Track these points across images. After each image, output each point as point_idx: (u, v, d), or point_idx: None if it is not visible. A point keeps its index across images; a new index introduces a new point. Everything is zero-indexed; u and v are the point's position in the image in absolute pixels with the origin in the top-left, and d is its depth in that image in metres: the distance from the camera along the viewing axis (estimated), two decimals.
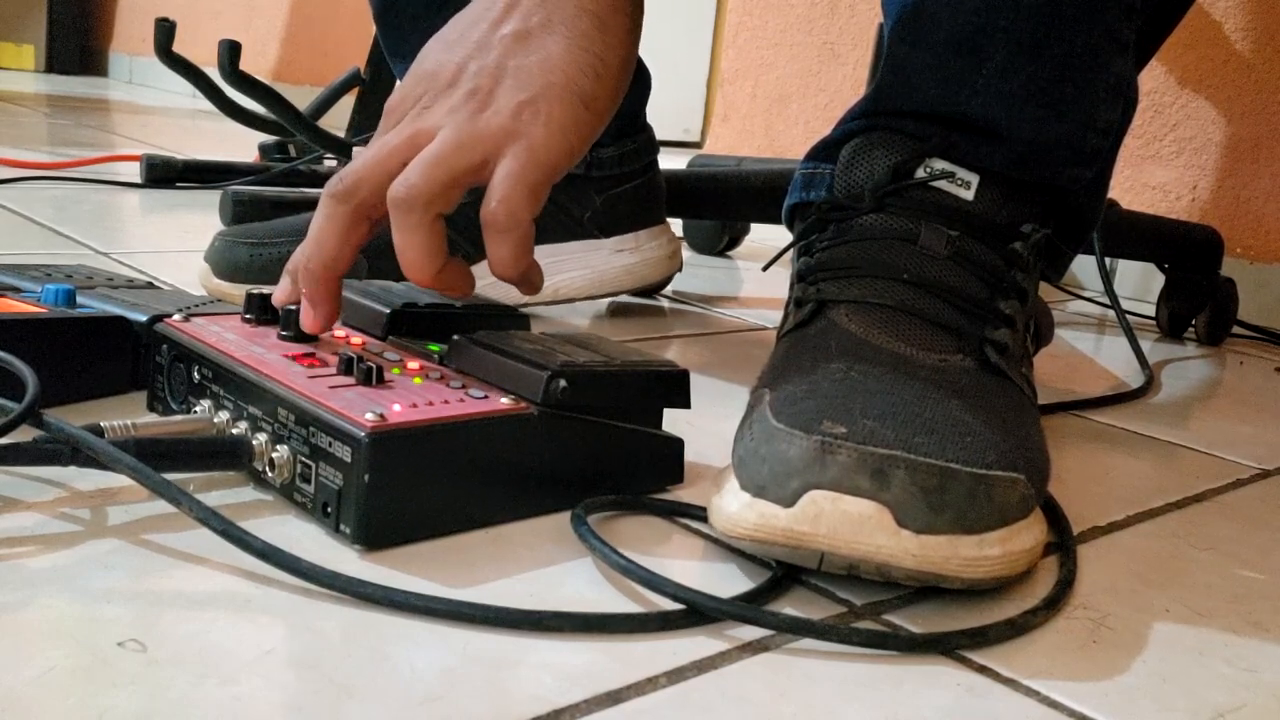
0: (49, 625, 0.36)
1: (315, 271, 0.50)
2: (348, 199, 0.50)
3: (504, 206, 0.48)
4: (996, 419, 0.47)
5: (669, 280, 0.96)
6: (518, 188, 0.48)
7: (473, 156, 0.48)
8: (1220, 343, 1.07)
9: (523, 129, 0.48)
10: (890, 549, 0.41)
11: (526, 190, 0.48)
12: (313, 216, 0.51)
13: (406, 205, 0.48)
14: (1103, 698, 0.38)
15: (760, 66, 1.67)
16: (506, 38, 0.50)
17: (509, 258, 0.49)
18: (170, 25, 1.19)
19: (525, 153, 0.48)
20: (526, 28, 0.50)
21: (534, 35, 0.50)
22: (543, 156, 0.48)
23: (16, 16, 3.48)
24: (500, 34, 0.51)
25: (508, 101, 0.49)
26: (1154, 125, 1.25)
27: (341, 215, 0.50)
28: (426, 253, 0.49)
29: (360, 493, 0.42)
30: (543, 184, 0.49)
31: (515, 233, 0.49)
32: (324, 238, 0.50)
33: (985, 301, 0.54)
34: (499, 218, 0.48)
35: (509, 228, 0.48)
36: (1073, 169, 0.60)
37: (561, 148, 0.49)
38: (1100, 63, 0.58)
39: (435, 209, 0.48)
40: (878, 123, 0.60)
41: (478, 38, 0.51)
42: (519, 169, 0.48)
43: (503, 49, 0.50)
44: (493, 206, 0.48)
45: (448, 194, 0.48)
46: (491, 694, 0.35)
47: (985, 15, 0.56)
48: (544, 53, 0.50)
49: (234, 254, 0.78)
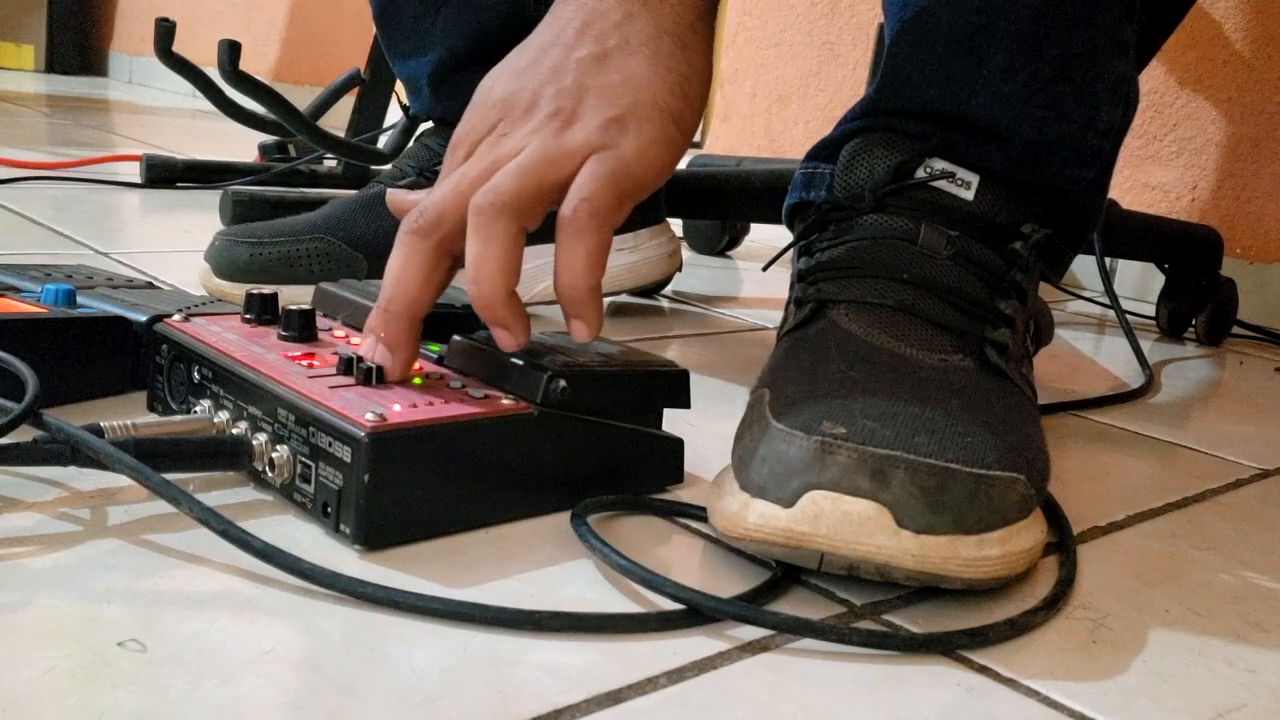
0: (49, 625, 0.36)
1: (397, 313, 0.46)
2: (431, 234, 0.46)
3: (587, 205, 0.44)
4: (996, 419, 0.47)
5: (669, 280, 0.96)
6: (606, 189, 0.45)
7: (561, 171, 0.45)
8: (1220, 343, 1.07)
9: (611, 141, 0.46)
10: (890, 549, 0.41)
11: (614, 194, 0.45)
12: (390, 256, 0.47)
13: (493, 211, 0.44)
14: (1103, 698, 0.38)
15: (760, 66, 1.67)
16: (585, 60, 0.48)
17: (581, 266, 0.45)
18: (170, 25, 1.19)
19: (615, 160, 0.45)
20: (604, 49, 0.48)
21: (613, 56, 0.48)
22: (634, 168, 0.46)
23: (16, 16, 3.48)
24: (576, 56, 0.48)
25: (595, 119, 0.46)
26: (1154, 125, 1.25)
27: (424, 251, 0.46)
28: (503, 267, 0.45)
29: (360, 493, 0.42)
30: (630, 194, 0.46)
31: (595, 237, 0.45)
32: (407, 278, 0.46)
33: (985, 301, 0.54)
34: (580, 216, 0.44)
35: (589, 229, 0.44)
36: (1073, 169, 0.60)
37: (654, 163, 0.46)
38: (1101, 63, 0.58)
39: (521, 220, 0.45)
40: (878, 123, 0.60)
41: (551, 64, 0.48)
42: (607, 172, 0.45)
43: (581, 70, 0.47)
44: (574, 204, 0.44)
45: (535, 206, 0.45)
46: (491, 694, 0.35)
47: (986, 15, 0.56)
48: (627, 72, 0.47)
49: (234, 254, 0.78)
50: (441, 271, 0.47)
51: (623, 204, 0.46)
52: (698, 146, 1.87)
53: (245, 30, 2.96)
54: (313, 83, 2.71)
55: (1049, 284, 0.76)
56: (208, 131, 2.18)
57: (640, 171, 0.46)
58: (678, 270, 0.94)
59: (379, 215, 0.81)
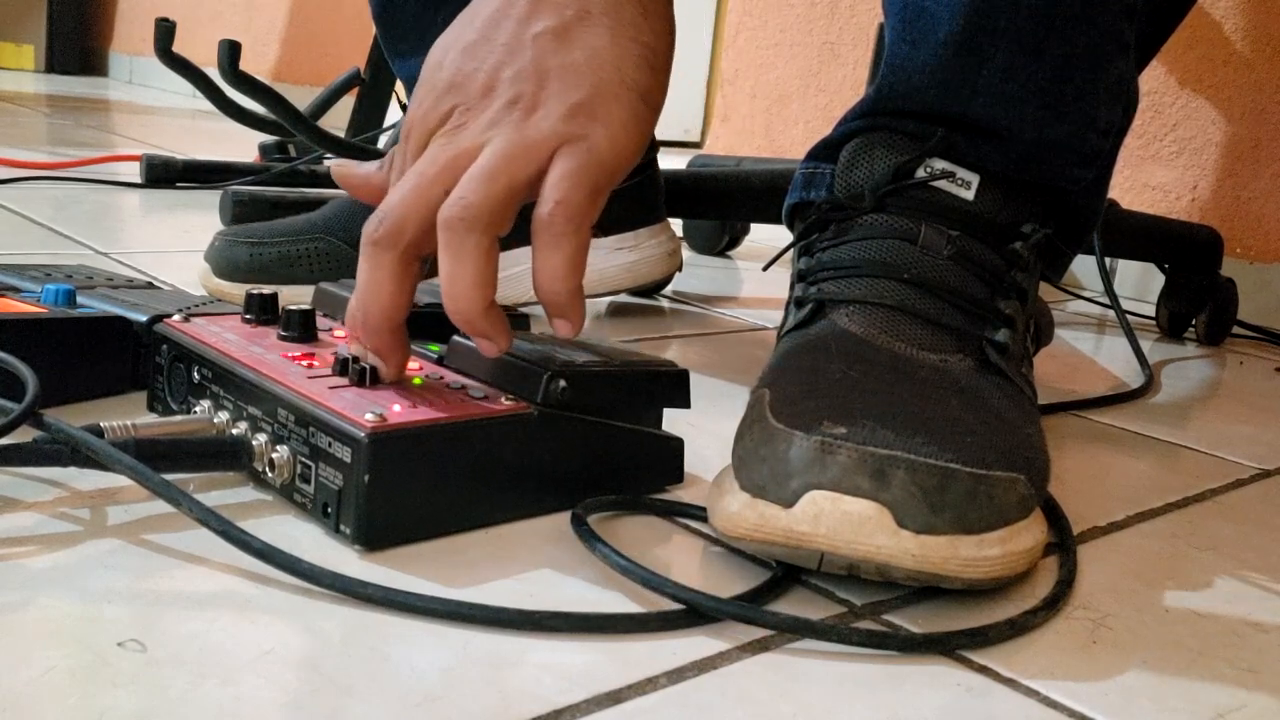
0: (49, 625, 0.36)
1: (376, 325, 0.45)
2: (394, 245, 0.44)
3: (563, 209, 0.43)
4: (996, 419, 0.47)
5: (669, 280, 0.96)
6: (578, 189, 0.43)
7: (529, 168, 0.43)
8: (1220, 343, 1.07)
9: (579, 131, 0.44)
10: (890, 549, 0.41)
11: (588, 191, 0.43)
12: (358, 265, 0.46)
13: (465, 226, 0.43)
14: (1103, 698, 0.38)
15: (760, 66, 1.67)
16: (542, 35, 0.45)
17: (560, 270, 0.44)
18: (170, 25, 1.19)
19: (585, 153, 0.44)
20: (563, 22, 0.45)
21: (573, 30, 0.45)
22: (606, 157, 0.44)
23: (16, 16, 3.48)
24: (532, 31, 0.45)
25: (559, 106, 0.44)
26: (1154, 125, 1.25)
27: (390, 262, 0.44)
28: (477, 282, 0.43)
29: (360, 493, 0.42)
30: (604, 187, 0.44)
31: (573, 240, 0.43)
32: (377, 290, 0.45)
33: (985, 301, 0.54)
34: (556, 221, 0.43)
35: (566, 233, 0.43)
36: (1074, 169, 0.60)
37: (625, 147, 0.45)
38: (1101, 63, 0.58)
39: (493, 232, 0.43)
40: (878, 123, 0.60)
41: (505, 39, 0.46)
42: (579, 168, 0.43)
43: (539, 48, 0.45)
44: (549, 209, 0.43)
45: (506, 212, 0.43)
46: (491, 694, 0.35)
47: (986, 16, 0.56)
48: (589, 48, 0.45)
49: (233, 253, 0.78)
50: (411, 275, 0.45)
51: (598, 196, 0.44)
52: (698, 146, 1.87)
53: (245, 30, 2.96)
54: (313, 83, 2.70)
55: (1049, 284, 0.76)
56: (208, 131, 2.18)
57: (613, 160, 0.44)
58: (678, 270, 0.94)
59: None
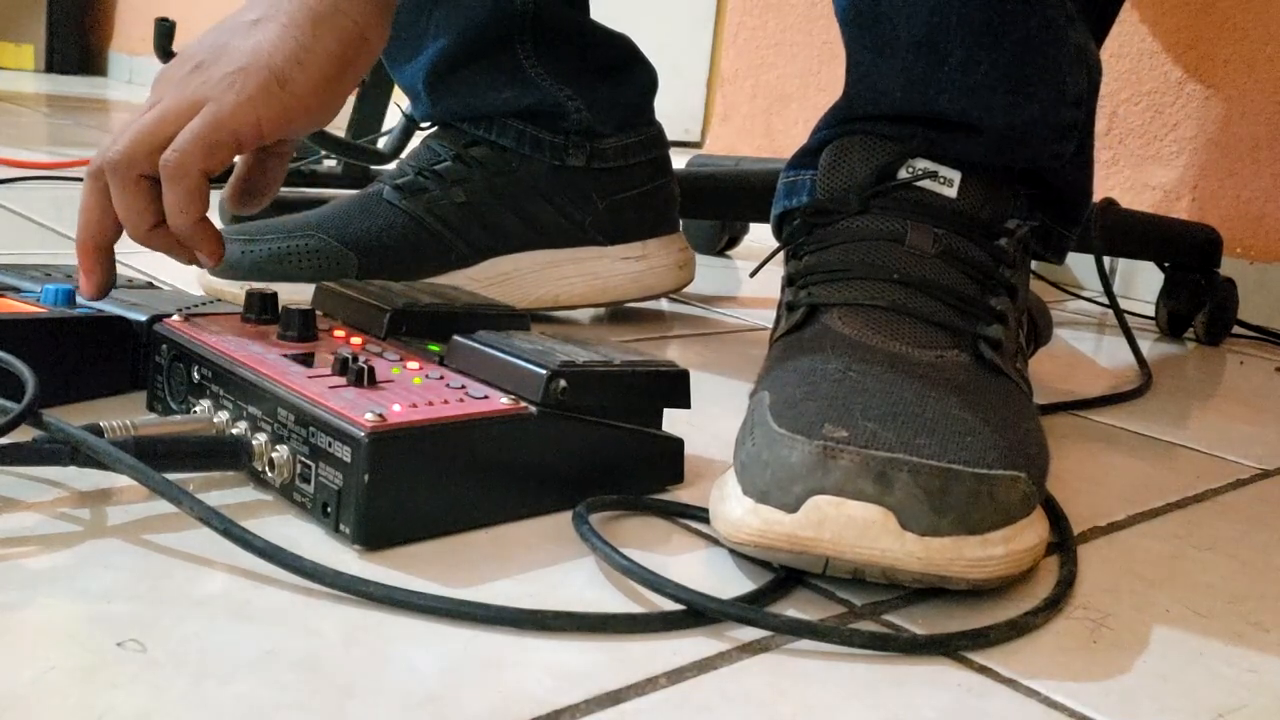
0: (49, 625, 0.36)
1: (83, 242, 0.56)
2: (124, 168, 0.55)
3: (175, 155, 0.53)
4: (995, 416, 0.47)
5: (679, 291, 0.94)
6: (193, 141, 0.53)
7: (182, 119, 0.54)
8: (1220, 343, 1.07)
9: (215, 95, 0.54)
10: (895, 553, 0.41)
11: (201, 145, 0.53)
12: None
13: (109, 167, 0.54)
14: (1103, 698, 0.38)
15: (760, 66, 1.67)
16: (243, 25, 0.57)
17: (175, 204, 0.54)
18: (170, 25, 1.19)
19: (211, 114, 0.54)
20: (259, 17, 0.57)
21: (260, 24, 0.57)
22: (226, 119, 0.54)
23: (16, 16, 3.48)
24: (241, 20, 0.58)
25: (216, 73, 0.55)
26: (1154, 125, 1.25)
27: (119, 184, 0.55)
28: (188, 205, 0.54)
29: (360, 493, 0.42)
30: (221, 144, 0.54)
31: (184, 182, 0.53)
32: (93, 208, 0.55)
33: (976, 298, 0.54)
34: (168, 164, 0.53)
35: (176, 176, 0.53)
36: (1052, 145, 0.60)
37: (247, 116, 0.54)
38: (1056, 37, 0.59)
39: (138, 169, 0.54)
40: (854, 128, 0.61)
41: (229, 24, 0.58)
42: (200, 125, 0.54)
43: (233, 33, 0.57)
44: (165, 154, 0.53)
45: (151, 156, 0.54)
46: (491, 694, 0.35)
47: (939, 14, 0.58)
48: (259, 37, 0.56)
49: (228, 252, 0.78)
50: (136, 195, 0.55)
51: (213, 151, 0.54)
52: (698, 146, 1.87)
53: None
54: None
55: (1052, 265, 0.76)
56: None
57: (231, 122, 0.54)
58: (688, 282, 0.91)
59: (372, 214, 0.81)
